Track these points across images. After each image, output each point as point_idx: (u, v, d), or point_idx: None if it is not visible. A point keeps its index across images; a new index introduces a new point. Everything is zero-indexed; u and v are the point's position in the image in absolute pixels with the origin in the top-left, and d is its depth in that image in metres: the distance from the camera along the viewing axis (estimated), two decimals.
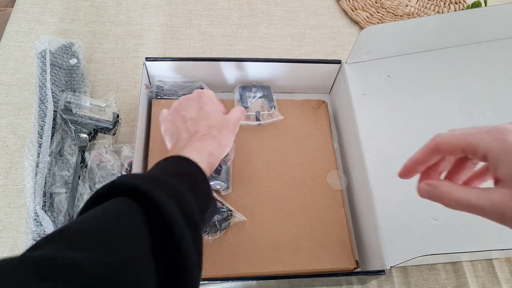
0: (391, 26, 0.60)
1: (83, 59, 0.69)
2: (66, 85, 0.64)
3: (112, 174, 0.57)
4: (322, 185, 0.59)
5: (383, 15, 0.84)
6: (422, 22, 0.59)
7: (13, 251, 0.55)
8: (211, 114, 0.49)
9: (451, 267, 0.59)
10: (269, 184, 0.58)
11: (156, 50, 0.75)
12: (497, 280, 0.58)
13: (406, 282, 0.57)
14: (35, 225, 0.52)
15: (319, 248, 0.54)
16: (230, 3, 0.84)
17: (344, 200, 0.58)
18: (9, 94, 0.67)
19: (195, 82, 0.65)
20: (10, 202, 0.58)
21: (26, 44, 0.73)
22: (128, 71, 0.72)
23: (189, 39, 0.78)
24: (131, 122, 0.66)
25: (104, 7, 0.80)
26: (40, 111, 0.59)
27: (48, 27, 0.75)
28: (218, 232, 0.52)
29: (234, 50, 0.77)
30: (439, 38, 0.63)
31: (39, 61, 0.64)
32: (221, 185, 0.55)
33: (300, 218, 0.55)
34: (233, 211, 0.54)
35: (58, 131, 0.59)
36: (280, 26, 0.82)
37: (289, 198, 0.57)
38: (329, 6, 0.86)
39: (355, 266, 0.53)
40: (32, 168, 0.55)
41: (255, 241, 0.53)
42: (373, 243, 0.52)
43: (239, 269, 0.51)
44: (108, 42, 0.75)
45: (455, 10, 0.86)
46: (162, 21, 0.79)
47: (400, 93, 0.62)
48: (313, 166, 0.60)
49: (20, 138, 0.63)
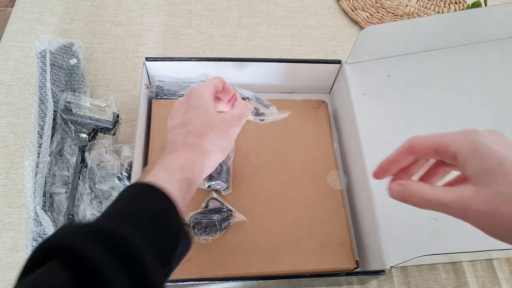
0: (391, 26, 0.60)
1: (83, 59, 0.69)
2: (66, 85, 0.64)
3: (112, 174, 0.57)
4: (322, 185, 0.59)
5: (383, 15, 0.84)
6: (422, 22, 0.59)
7: (13, 251, 0.55)
8: (194, 117, 0.41)
9: (451, 267, 0.59)
10: (269, 184, 0.58)
11: (156, 50, 0.75)
12: (497, 280, 0.58)
13: (406, 282, 0.57)
14: (35, 225, 0.52)
15: (319, 248, 0.54)
16: (230, 3, 0.84)
17: (344, 200, 0.58)
18: (9, 94, 0.67)
19: (195, 82, 0.65)
20: (10, 202, 0.58)
21: (26, 44, 0.73)
22: (128, 71, 0.72)
23: (189, 39, 0.78)
24: (131, 122, 0.66)
25: (104, 7, 0.80)
26: (40, 111, 0.59)
27: (48, 27, 0.75)
28: (218, 232, 0.52)
29: (234, 50, 0.77)
30: (439, 38, 0.63)
31: (39, 61, 0.64)
32: (221, 185, 0.55)
33: (300, 218, 0.55)
34: (233, 211, 0.54)
35: (58, 131, 0.59)
36: (280, 26, 0.82)
37: (289, 198, 0.57)
38: (329, 6, 0.86)
39: (355, 266, 0.53)
40: (32, 168, 0.55)
41: (255, 241, 0.53)
42: (373, 243, 0.52)
43: (239, 269, 0.51)
44: (108, 42, 0.75)
45: (455, 10, 0.86)
46: (162, 21, 0.79)
47: (400, 93, 0.62)
48: (313, 166, 0.60)
49: (20, 138, 0.63)
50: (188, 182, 0.36)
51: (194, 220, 0.52)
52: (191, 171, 0.37)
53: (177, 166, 0.37)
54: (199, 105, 0.42)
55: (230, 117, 0.43)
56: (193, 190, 0.38)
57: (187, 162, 0.37)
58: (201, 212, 0.53)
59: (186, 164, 0.37)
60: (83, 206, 0.54)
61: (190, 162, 0.38)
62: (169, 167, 0.37)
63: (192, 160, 0.38)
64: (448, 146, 0.31)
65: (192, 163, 0.38)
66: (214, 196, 0.55)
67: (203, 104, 0.42)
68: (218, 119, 0.42)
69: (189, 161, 0.38)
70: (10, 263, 0.54)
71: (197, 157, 0.38)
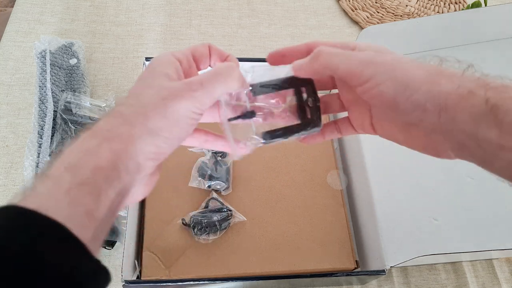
0: (391, 26, 0.60)
1: (83, 59, 0.69)
2: (66, 85, 0.64)
3: None
4: (322, 185, 0.59)
5: (383, 15, 0.84)
6: (422, 22, 0.59)
7: None
8: (130, 94, 0.28)
9: (451, 267, 0.59)
10: (269, 184, 0.58)
11: (156, 50, 0.75)
12: (497, 280, 0.58)
13: (406, 282, 0.57)
14: None
15: (319, 248, 0.54)
16: (230, 3, 0.84)
17: (344, 200, 0.58)
18: (9, 94, 0.67)
19: None
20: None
21: (26, 44, 0.73)
22: (128, 71, 0.72)
23: (189, 39, 0.78)
24: None
25: (104, 7, 0.80)
26: (40, 111, 0.59)
27: (48, 27, 0.75)
28: (218, 232, 0.52)
29: (234, 50, 0.77)
30: (439, 38, 0.63)
31: (39, 61, 0.64)
32: (221, 185, 0.55)
33: (300, 218, 0.55)
34: (233, 211, 0.54)
35: (58, 131, 0.59)
36: (280, 26, 0.82)
37: (289, 198, 0.57)
38: (329, 6, 0.86)
39: (355, 266, 0.53)
40: (32, 168, 0.55)
41: (255, 241, 0.53)
42: (373, 243, 0.52)
43: (239, 269, 0.51)
44: (108, 42, 0.75)
45: (455, 10, 0.86)
46: (162, 21, 0.79)
47: None
48: (313, 166, 0.60)
49: (20, 138, 0.63)
50: (94, 189, 0.22)
51: (194, 220, 0.52)
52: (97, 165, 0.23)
53: (75, 159, 0.23)
54: (146, 72, 0.29)
55: (173, 88, 0.27)
56: (112, 198, 0.23)
57: (94, 148, 0.24)
58: (201, 212, 0.53)
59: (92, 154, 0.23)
60: None
61: (97, 148, 0.24)
62: (64, 163, 0.23)
63: (101, 146, 0.24)
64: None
65: (99, 149, 0.24)
66: (214, 196, 0.55)
67: (151, 68, 0.28)
68: (155, 88, 0.27)
69: (96, 147, 0.24)
70: None
71: (111, 143, 0.24)
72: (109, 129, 0.25)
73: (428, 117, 0.26)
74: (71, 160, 0.23)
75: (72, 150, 0.24)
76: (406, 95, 0.26)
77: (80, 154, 0.23)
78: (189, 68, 0.30)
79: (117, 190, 0.24)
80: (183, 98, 0.26)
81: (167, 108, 0.26)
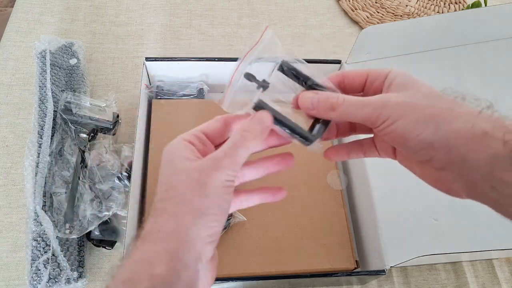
0: (391, 26, 0.60)
1: (83, 59, 0.69)
2: (66, 85, 0.64)
3: (112, 174, 0.57)
4: (322, 185, 0.59)
5: (383, 15, 0.84)
6: (422, 22, 0.59)
7: (13, 251, 0.55)
8: (160, 183, 0.29)
9: (451, 267, 0.59)
10: (269, 184, 0.58)
11: (156, 50, 0.75)
12: (497, 280, 0.58)
13: (406, 282, 0.57)
14: (35, 225, 0.52)
15: (319, 248, 0.54)
16: (230, 3, 0.84)
17: (344, 200, 0.58)
18: (9, 94, 0.67)
19: (195, 82, 0.65)
20: (10, 202, 0.58)
21: (26, 44, 0.73)
22: (128, 71, 0.72)
23: (189, 39, 0.78)
24: (131, 122, 0.66)
25: (104, 7, 0.80)
26: (40, 111, 0.59)
27: (48, 27, 0.75)
28: None
29: (234, 50, 0.77)
30: (439, 38, 0.63)
31: (39, 61, 0.64)
32: None
33: (300, 218, 0.55)
34: (233, 211, 0.54)
35: (58, 131, 0.59)
36: (280, 26, 0.82)
37: (289, 198, 0.57)
38: (329, 6, 0.86)
39: (355, 266, 0.53)
40: (32, 168, 0.55)
41: (255, 241, 0.53)
42: (373, 243, 0.52)
43: (239, 269, 0.51)
44: (108, 42, 0.75)
45: (455, 10, 0.86)
46: (162, 21, 0.79)
47: None
48: (313, 166, 0.60)
49: (20, 138, 0.63)
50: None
51: None
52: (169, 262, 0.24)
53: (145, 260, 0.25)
54: (166, 163, 0.29)
55: (200, 166, 0.27)
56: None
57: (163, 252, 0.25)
58: None
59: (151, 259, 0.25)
60: (83, 206, 0.54)
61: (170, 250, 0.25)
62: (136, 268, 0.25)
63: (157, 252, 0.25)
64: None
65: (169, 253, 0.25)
66: None
67: (170, 158, 0.29)
68: (183, 174, 0.27)
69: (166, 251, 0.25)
70: (10, 263, 0.54)
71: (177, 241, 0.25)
72: (159, 229, 0.25)
73: (437, 155, 0.26)
74: (126, 276, 0.24)
75: (128, 261, 0.25)
76: (414, 134, 0.27)
77: (137, 266, 0.24)
78: (204, 147, 0.30)
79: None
80: (214, 172, 0.27)
81: (204, 187, 0.26)
